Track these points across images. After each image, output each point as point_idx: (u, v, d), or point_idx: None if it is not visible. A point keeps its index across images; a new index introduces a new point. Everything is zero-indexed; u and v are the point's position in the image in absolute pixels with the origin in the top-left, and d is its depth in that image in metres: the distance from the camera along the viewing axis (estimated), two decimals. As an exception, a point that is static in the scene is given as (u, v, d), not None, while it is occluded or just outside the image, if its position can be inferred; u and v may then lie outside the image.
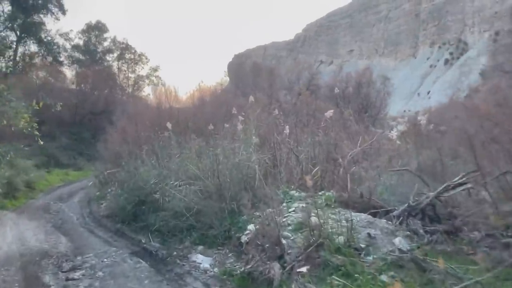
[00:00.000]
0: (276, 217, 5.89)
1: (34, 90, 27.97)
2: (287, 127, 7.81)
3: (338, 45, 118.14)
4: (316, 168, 7.73)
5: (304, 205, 6.44)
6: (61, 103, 11.87)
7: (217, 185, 7.56)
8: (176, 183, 8.11)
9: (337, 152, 8.80)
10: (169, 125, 9.59)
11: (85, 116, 31.97)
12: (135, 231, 8.81)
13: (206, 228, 7.40)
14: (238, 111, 8.70)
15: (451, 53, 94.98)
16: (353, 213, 5.65)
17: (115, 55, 49.90)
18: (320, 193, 7.04)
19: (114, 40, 49.05)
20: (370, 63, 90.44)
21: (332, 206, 6.27)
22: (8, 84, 14.67)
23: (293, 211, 6.30)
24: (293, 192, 7.37)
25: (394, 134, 8.43)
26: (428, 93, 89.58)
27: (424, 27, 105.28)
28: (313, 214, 5.57)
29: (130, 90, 48.42)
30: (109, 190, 11.06)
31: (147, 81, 49.88)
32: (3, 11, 35.52)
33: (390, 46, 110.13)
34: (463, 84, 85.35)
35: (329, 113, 7.49)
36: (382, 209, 6.06)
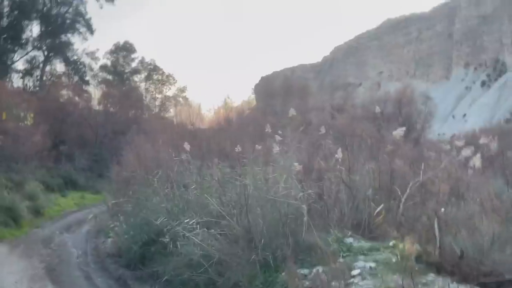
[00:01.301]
0: (334, 282, 3.94)
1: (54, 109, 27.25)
2: (339, 150, 5.85)
3: (367, 67, 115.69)
4: (380, 207, 5.72)
5: (372, 265, 4.43)
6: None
7: (246, 227, 5.65)
8: (192, 221, 6.25)
9: (398, 182, 6.80)
10: (187, 146, 7.82)
11: (106, 135, 30.89)
12: (141, 280, 6.98)
13: (230, 285, 5.48)
14: (273, 130, 6.84)
15: (488, 75, 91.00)
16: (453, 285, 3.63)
17: (143, 75, 49.76)
18: (390, 243, 5.01)
19: (142, 61, 48.88)
20: (400, 85, 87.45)
21: (416, 269, 4.24)
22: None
23: (359, 275, 4.28)
24: (349, 239, 5.37)
25: (476, 159, 6.33)
26: (464, 116, 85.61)
27: (457, 48, 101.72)
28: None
29: (156, 111, 47.79)
30: (115, 223, 9.34)
31: (173, 101, 49.33)
32: (31, 30, 35.51)
33: (421, 67, 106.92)
34: (502, 107, 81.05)
35: (399, 131, 5.53)
36: (498, 279, 3.97)
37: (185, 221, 6.16)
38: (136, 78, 49.18)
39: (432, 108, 27.80)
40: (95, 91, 40.07)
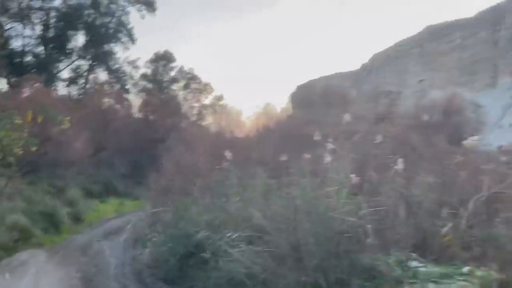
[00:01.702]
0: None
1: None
2: (399, 160, 5.22)
3: (407, 75, 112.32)
4: (449, 225, 5.03)
5: (448, 296, 3.78)
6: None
7: (294, 245, 5.13)
8: (234, 235, 5.80)
9: (461, 197, 6.06)
10: (228, 154, 7.41)
11: (146, 143, 31.30)
12: (180, 296, 6.58)
13: (277, 309, 4.97)
14: (322, 138, 6.29)
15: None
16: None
17: (181, 84, 50.48)
18: (465, 269, 4.33)
19: (180, 70, 49.60)
20: (443, 93, 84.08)
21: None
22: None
23: (433, 309, 3.64)
24: (413, 263, 4.72)
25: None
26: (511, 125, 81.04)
27: (503, 55, 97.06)
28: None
29: (194, 119, 48.25)
30: (153, 234, 9.05)
31: (210, 110, 49.67)
32: (76, 40, 36.76)
33: (465, 75, 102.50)
34: (555, 116, 76.06)
35: (472, 140, 4.85)
36: None
37: (227, 235, 5.70)
38: (175, 86, 49.95)
39: (482, 116, 26.13)
40: (135, 99, 41.03)
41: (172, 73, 49.38)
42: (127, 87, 40.07)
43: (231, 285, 5.58)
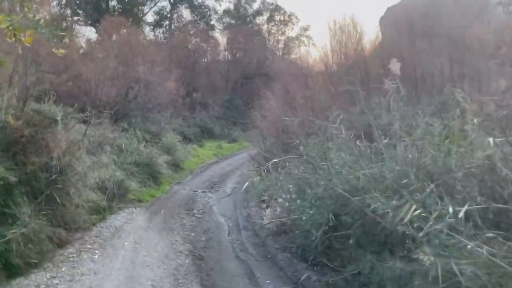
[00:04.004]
0: None
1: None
2: None
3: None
4: None
5: None
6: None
7: None
8: (457, 209, 3.09)
9: None
10: (396, 65, 4.53)
11: (237, 81, 29.32)
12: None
13: None
14: None
15: None
16: None
17: (265, 17, 47.27)
18: None
19: (263, 2, 46.15)
20: None
21: None
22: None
23: None
24: None
25: None
26: None
27: None
28: None
29: (280, 54, 45.29)
30: (274, 191, 6.72)
31: (297, 42, 46.08)
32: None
33: None
34: None
35: None
36: None
37: (449, 209, 3.00)
38: (258, 20, 46.95)
39: None
40: (221, 38, 38.92)
41: (255, 5, 46.30)
42: (211, 23, 37.90)
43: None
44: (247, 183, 5.75)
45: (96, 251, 5.56)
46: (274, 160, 5.71)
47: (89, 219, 6.72)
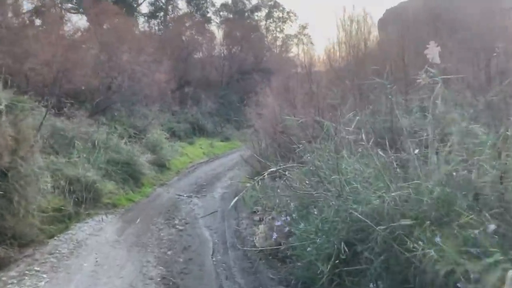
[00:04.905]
0: None
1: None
2: None
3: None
4: None
5: None
6: None
7: None
8: None
9: None
10: (434, 50, 3.45)
11: (232, 76, 28.13)
12: None
13: None
14: None
15: None
16: None
17: (263, 13, 46.14)
18: None
19: (262, -3, 44.97)
20: None
21: None
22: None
23: None
24: None
25: None
26: None
27: None
28: None
29: (277, 51, 44.22)
30: (272, 206, 5.58)
31: (295, 40, 45.02)
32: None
33: None
34: None
35: None
36: None
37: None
38: (256, 16, 45.79)
39: None
40: (218, 31, 37.69)
41: (254, 0, 45.16)
42: (208, 15, 36.67)
43: None
44: (236, 197, 4.62)
45: (44, 275, 4.42)
46: (271, 170, 4.59)
47: (46, 230, 5.60)
